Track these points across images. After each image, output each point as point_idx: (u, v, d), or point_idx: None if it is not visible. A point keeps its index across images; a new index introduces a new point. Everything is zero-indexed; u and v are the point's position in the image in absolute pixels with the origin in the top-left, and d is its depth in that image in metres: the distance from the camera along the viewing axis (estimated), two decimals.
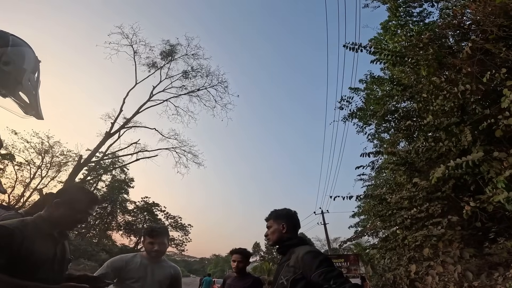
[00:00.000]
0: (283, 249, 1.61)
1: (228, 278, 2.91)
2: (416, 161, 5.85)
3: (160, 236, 2.02)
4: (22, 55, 1.00)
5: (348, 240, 8.35)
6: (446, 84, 3.45)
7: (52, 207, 1.33)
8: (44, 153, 24.56)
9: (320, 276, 1.25)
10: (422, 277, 3.65)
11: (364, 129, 9.51)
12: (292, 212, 1.74)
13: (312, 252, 1.41)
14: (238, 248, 2.89)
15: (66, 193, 1.41)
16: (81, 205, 1.39)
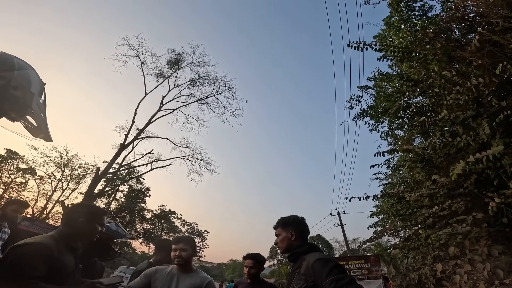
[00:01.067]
0: (293, 257, 1.59)
1: (240, 284, 2.78)
2: (434, 157, 5.70)
3: (180, 242, 2.04)
4: (28, 78, 1.01)
5: (367, 240, 8.18)
6: (457, 77, 3.38)
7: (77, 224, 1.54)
8: (63, 167, 25.67)
9: (331, 284, 1.23)
10: (449, 276, 3.55)
11: (377, 127, 9.37)
12: (300, 218, 1.72)
13: (322, 260, 1.38)
14: (252, 253, 2.77)
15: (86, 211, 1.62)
16: (100, 220, 1.65)
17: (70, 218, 1.57)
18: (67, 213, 1.63)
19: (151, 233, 34.77)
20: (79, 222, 1.54)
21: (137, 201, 31.03)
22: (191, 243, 2.09)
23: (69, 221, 1.55)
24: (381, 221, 12.46)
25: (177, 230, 38.30)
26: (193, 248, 2.07)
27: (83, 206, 1.74)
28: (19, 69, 0.97)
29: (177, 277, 1.94)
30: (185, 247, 2.01)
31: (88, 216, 1.58)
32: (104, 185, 20.98)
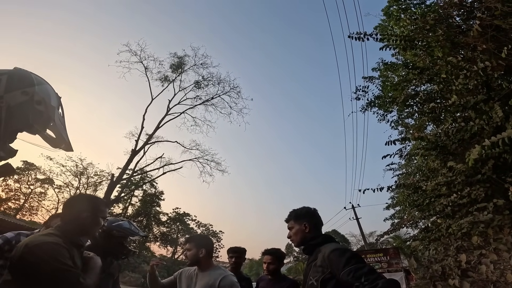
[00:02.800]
0: (309, 249, 1.56)
1: (262, 280, 2.71)
2: (448, 143, 5.52)
3: (186, 243, 2.09)
4: (48, 92, 1.05)
5: (385, 233, 8.01)
6: (464, 62, 3.28)
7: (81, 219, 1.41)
8: (80, 175, 26.58)
9: (349, 275, 1.18)
10: (474, 267, 3.42)
11: (386, 116, 9.20)
12: (312, 209, 1.67)
13: (338, 250, 1.35)
14: (270, 248, 2.70)
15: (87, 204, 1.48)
16: (103, 213, 1.52)
17: (71, 212, 1.43)
18: (67, 207, 1.46)
19: (167, 235, 35.32)
20: (82, 217, 1.41)
21: (152, 205, 31.75)
22: (197, 241, 2.06)
23: (70, 216, 1.41)
24: (398, 213, 12.19)
25: (193, 232, 38.86)
26: (199, 247, 2.00)
27: (83, 199, 1.58)
28: (38, 84, 1.01)
29: (196, 276, 1.96)
30: (190, 247, 2.02)
31: (90, 209, 1.44)
32: (119, 191, 21.45)
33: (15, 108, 0.93)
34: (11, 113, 0.92)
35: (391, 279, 1.14)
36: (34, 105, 0.97)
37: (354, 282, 1.15)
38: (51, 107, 1.04)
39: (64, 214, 1.44)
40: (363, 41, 4.97)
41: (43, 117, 1.01)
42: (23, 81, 0.98)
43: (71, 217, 1.41)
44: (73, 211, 1.43)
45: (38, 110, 0.99)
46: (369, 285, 1.10)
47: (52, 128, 1.08)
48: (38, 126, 1.01)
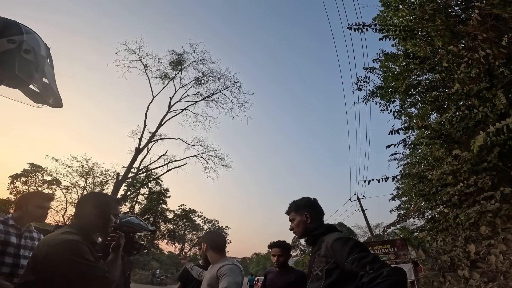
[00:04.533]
0: (312, 240, 1.54)
1: (270, 273, 2.73)
2: (452, 132, 5.43)
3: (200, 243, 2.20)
4: (38, 42, 0.97)
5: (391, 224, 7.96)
6: (465, 51, 3.22)
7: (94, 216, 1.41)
8: (86, 175, 26.87)
9: (354, 263, 1.16)
10: (483, 257, 3.38)
11: (388, 106, 9.10)
12: (312, 199, 1.65)
13: (341, 239, 1.33)
14: (277, 241, 2.71)
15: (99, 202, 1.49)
16: (115, 210, 1.53)
17: (84, 210, 1.45)
18: (79, 206, 1.49)
19: (175, 232, 35.70)
20: (95, 214, 1.42)
21: (158, 202, 31.78)
22: (203, 237, 2.20)
23: (83, 214, 1.43)
24: (404, 203, 12.12)
25: (199, 228, 39.10)
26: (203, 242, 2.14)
27: (95, 196, 1.61)
28: (27, 33, 0.94)
29: (207, 269, 2.11)
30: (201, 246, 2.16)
31: (102, 206, 1.46)
32: (125, 190, 21.51)
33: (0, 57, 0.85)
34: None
35: (397, 267, 1.11)
36: (21, 54, 0.89)
37: (359, 270, 1.13)
38: (41, 57, 0.96)
39: (77, 212, 1.46)
40: (362, 32, 4.89)
41: (31, 67, 0.93)
42: (9, 29, 0.90)
43: (84, 215, 1.43)
44: (85, 209, 1.44)
45: (26, 60, 0.90)
46: (374, 273, 1.07)
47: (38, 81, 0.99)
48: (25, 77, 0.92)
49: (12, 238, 1.86)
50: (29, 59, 0.91)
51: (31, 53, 0.92)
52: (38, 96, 1.03)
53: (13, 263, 1.81)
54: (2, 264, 1.76)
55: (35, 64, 0.94)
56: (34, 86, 0.99)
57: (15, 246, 1.86)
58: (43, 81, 1.00)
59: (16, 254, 1.86)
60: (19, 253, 1.88)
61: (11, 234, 1.87)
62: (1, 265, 1.76)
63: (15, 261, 1.83)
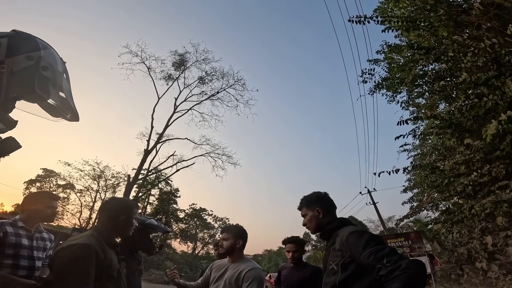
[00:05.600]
0: (325, 234, 1.53)
1: (284, 269, 2.72)
2: (463, 120, 5.31)
3: (223, 232, 2.07)
4: (54, 57, 0.97)
5: (404, 217, 7.82)
6: (470, 41, 3.14)
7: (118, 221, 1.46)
8: (98, 178, 27.46)
9: (370, 257, 1.14)
10: (501, 249, 3.30)
11: (395, 97, 8.96)
12: (323, 193, 1.64)
13: (356, 232, 1.31)
14: (291, 237, 2.69)
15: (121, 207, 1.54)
16: (136, 214, 1.59)
17: (108, 215, 1.50)
18: (103, 211, 1.54)
19: (187, 232, 36.08)
20: (121, 219, 1.48)
21: (169, 202, 31.94)
22: (235, 232, 2.02)
23: (106, 218, 1.49)
24: (416, 195, 11.89)
25: (210, 226, 39.27)
26: (237, 237, 1.98)
27: (119, 202, 1.65)
28: (44, 49, 0.93)
29: (227, 267, 1.96)
30: (227, 237, 1.99)
31: (126, 212, 1.52)
32: (136, 191, 21.73)
33: (19, 74, 0.85)
34: (13, 79, 0.84)
35: (415, 259, 1.09)
36: (40, 71, 0.88)
37: (376, 264, 1.12)
38: (58, 73, 0.96)
39: (100, 217, 1.52)
40: (364, 24, 4.82)
41: (49, 84, 0.93)
42: (26, 44, 0.89)
43: (108, 219, 1.48)
44: (110, 214, 1.49)
45: (45, 76, 0.90)
46: (391, 266, 1.05)
47: (55, 96, 0.99)
48: (44, 94, 0.91)
49: (24, 240, 1.83)
50: (47, 76, 0.91)
51: (49, 69, 0.92)
52: (56, 110, 1.04)
53: (28, 265, 1.79)
54: (18, 267, 1.74)
55: (53, 80, 0.94)
56: (52, 101, 1.00)
57: (27, 248, 1.83)
58: (61, 96, 1.01)
59: (30, 256, 1.83)
60: (33, 255, 1.85)
61: (21, 236, 1.83)
62: (17, 268, 1.73)
63: (30, 263, 1.80)
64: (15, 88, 0.86)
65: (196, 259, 33.69)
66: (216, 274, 1.96)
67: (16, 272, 1.71)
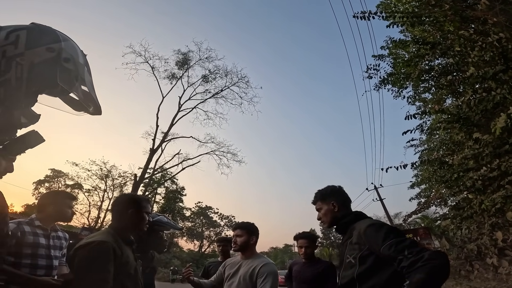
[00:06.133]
0: (341, 228, 1.51)
1: (295, 264, 2.71)
2: (471, 115, 5.24)
3: (235, 229, 2.07)
4: (75, 49, 0.94)
5: (412, 213, 7.74)
6: (476, 35, 3.10)
7: (129, 216, 1.46)
8: (105, 178, 27.81)
9: (390, 249, 1.13)
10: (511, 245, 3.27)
11: (401, 93, 8.87)
12: (337, 187, 1.62)
13: (374, 225, 1.30)
14: (303, 232, 2.69)
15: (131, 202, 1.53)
16: (147, 208, 1.58)
17: (118, 210, 1.50)
18: (114, 206, 1.55)
19: (193, 230, 36.32)
20: (129, 213, 1.47)
21: (175, 201, 31.97)
22: (249, 229, 2.04)
23: (119, 215, 1.49)
24: (424, 191, 11.75)
25: (216, 224, 39.31)
26: (250, 233, 2.01)
27: (128, 197, 1.65)
28: (64, 40, 0.90)
29: (240, 264, 1.99)
30: (241, 233, 2.01)
31: (134, 206, 1.51)
32: (143, 190, 21.66)
33: (40, 66, 0.83)
34: (34, 72, 0.82)
35: (438, 250, 1.08)
36: (61, 63, 0.86)
37: (397, 255, 1.10)
38: (80, 65, 0.94)
39: (113, 214, 1.53)
40: (368, 19, 4.79)
41: (71, 76, 0.91)
42: (46, 37, 0.87)
43: (119, 216, 1.49)
44: (119, 209, 1.50)
45: (67, 69, 0.88)
46: (414, 257, 1.04)
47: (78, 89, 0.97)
48: (66, 87, 0.89)
49: (41, 239, 1.83)
50: (69, 68, 0.89)
51: (71, 61, 0.90)
52: (78, 104, 1.02)
53: (46, 264, 1.79)
54: (36, 267, 1.73)
55: (75, 72, 0.92)
56: (74, 94, 0.98)
57: (45, 247, 1.83)
58: (83, 89, 0.98)
59: (48, 255, 1.82)
60: (51, 254, 1.85)
61: (39, 235, 1.83)
62: (36, 267, 1.73)
63: (48, 262, 1.80)
64: (36, 81, 0.84)
65: (202, 257, 33.92)
66: (230, 271, 1.99)
67: (35, 272, 1.72)
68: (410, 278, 1.02)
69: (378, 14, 4.47)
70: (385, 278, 1.20)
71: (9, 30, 0.82)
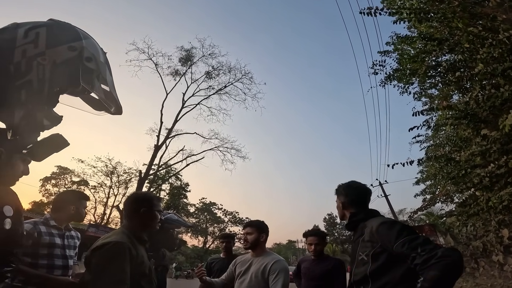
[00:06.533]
0: (351, 225, 1.52)
1: (304, 261, 2.71)
2: (479, 111, 5.17)
3: (246, 227, 2.09)
4: (96, 48, 0.91)
5: (418, 209, 7.70)
6: (485, 32, 3.06)
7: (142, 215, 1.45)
8: (110, 174, 28.10)
9: (404, 246, 1.14)
10: None
11: (407, 89, 8.77)
12: (355, 184, 1.60)
13: (387, 223, 1.31)
14: (312, 229, 2.70)
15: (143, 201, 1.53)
16: (158, 207, 1.57)
17: (130, 209, 1.50)
18: (126, 205, 1.54)
19: (197, 226, 36.63)
20: (142, 212, 1.46)
21: (179, 197, 32.22)
22: (259, 226, 2.08)
23: (132, 214, 1.48)
24: (429, 187, 11.65)
25: (220, 220, 39.32)
26: (260, 231, 2.03)
27: (140, 196, 1.65)
28: (85, 39, 0.87)
29: (251, 261, 2.02)
30: (251, 231, 2.04)
31: (146, 204, 1.50)
32: (148, 187, 21.94)
33: (62, 66, 0.79)
34: (56, 73, 0.79)
35: (452, 247, 1.08)
36: (84, 62, 0.83)
37: (410, 253, 1.11)
38: (102, 64, 0.91)
39: (126, 214, 1.53)
40: (374, 16, 4.75)
41: (93, 76, 0.88)
42: (66, 34, 0.84)
43: (131, 214, 1.49)
44: (132, 208, 1.49)
45: (89, 68, 0.85)
46: (427, 255, 1.05)
47: (99, 89, 0.93)
48: (88, 87, 0.86)
49: (57, 239, 1.81)
50: (91, 68, 0.86)
51: (93, 61, 0.87)
52: (99, 103, 0.99)
53: (62, 264, 1.78)
54: (53, 267, 1.72)
55: (97, 72, 0.89)
56: (96, 94, 0.95)
57: (60, 247, 1.81)
58: (104, 89, 0.96)
59: (63, 255, 1.81)
60: (66, 254, 1.83)
61: (54, 236, 1.81)
62: (52, 268, 1.72)
63: (64, 262, 1.79)
64: (58, 82, 0.81)
65: (207, 253, 34.23)
66: (242, 269, 2.01)
67: (52, 272, 1.71)
68: (424, 275, 1.03)
69: (385, 10, 4.43)
70: (398, 275, 1.21)
71: (27, 27, 0.78)
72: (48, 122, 0.86)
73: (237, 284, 1.99)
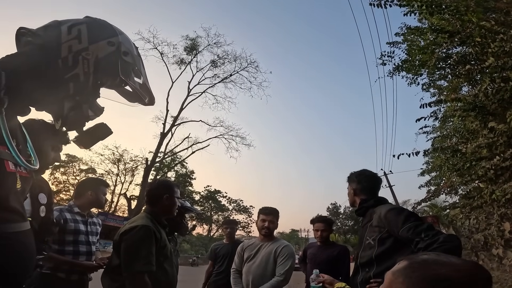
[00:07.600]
0: (360, 211, 1.58)
1: (310, 247, 2.77)
2: (487, 104, 5.11)
3: (270, 214, 2.18)
4: (130, 42, 0.95)
5: (422, 201, 7.77)
6: (498, 27, 3.00)
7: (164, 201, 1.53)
8: (117, 162, 28.55)
9: (409, 231, 1.21)
10: None
11: (416, 80, 8.62)
12: (366, 172, 1.66)
13: (395, 209, 1.38)
14: (319, 216, 2.76)
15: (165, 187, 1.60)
16: (178, 194, 1.66)
17: (153, 195, 1.55)
18: (150, 192, 1.60)
19: (202, 214, 37.33)
20: (164, 199, 1.52)
21: (185, 185, 32.46)
22: (277, 215, 2.22)
23: (155, 199, 1.54)
24: (434, 179, 11.62)
25: (225, 208, 39.78)
26: (277, 219, 2.22)
27: (162, 183, 1.70)
28: (120, 34, 0.92)
29: (260, 246, 2.16)
30: (274, 220, 2.18)
31: (169, 191, 1.56)
32: (154, 175, 22.29)
33: (103, 61, 0.85)
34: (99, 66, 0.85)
35: (452, 234, 1.17)
36: (122, 57, 0.89)
37: (414, 237, 1.17)
38: (137, 58, 0.96)
39: (147, 199, 1.61)
40: (385, 7, 4.65)
41: (130, 69, 0.93)
42: (104, 30, 0.89)
43: (154, 200, 1.55)
44: (154, 194, 1.57)
45: (126, 62, 0.90)
46: (430, 240, 1.11)
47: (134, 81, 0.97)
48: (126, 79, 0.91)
49: (81, 226, 1.85)
50: (128, 61, 0.92)
51: (129, 55, 0.92)
52: (133, 95, 1.05)
53: (87, 251, 1.83)
54: (78, 253, 1.77)
55: (133, 65, 0.95)
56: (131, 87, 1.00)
57: (84, 233, 1.85)
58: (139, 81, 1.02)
59: (87, 242, 1.86)
60: (89, 240, 1.88)
61: (79, 222, 1.84)
62: (78, 254, 1.76)
63: (88, 248, 1.84)
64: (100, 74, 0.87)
65: (211, 241, 34.96)
66: (251, 253, 2.15)
67: (77, 259, 1.77)
68: None
69: (395, 2, 4.34)
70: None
71: (69, 24, 0.84)
72: (92, 113, 0.93)
73: (246, 267, 2.12)
